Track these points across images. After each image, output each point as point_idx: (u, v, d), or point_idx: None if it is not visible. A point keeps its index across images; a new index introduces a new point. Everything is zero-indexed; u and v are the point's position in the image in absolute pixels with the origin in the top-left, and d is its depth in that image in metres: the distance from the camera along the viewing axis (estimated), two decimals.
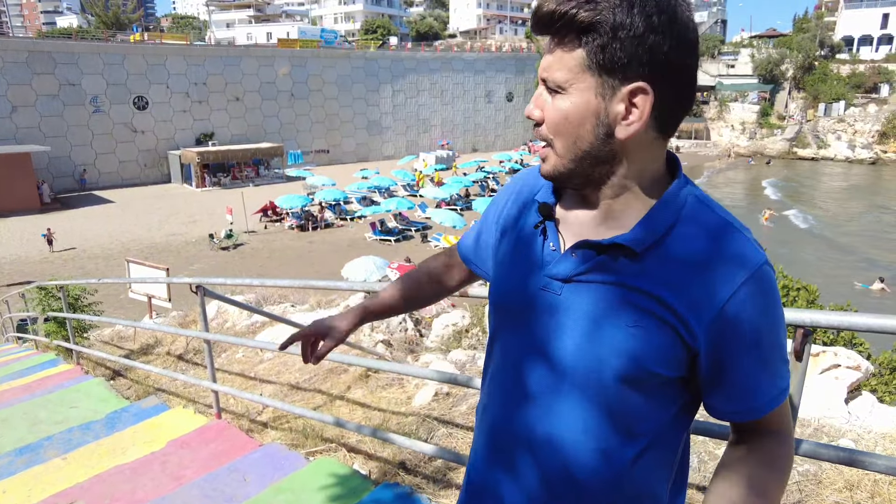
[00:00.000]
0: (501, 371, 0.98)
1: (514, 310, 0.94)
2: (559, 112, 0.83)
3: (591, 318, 0.84)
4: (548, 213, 0.92)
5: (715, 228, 0.82)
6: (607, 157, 0.83)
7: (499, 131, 54.33)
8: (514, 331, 0.94)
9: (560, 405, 0.88)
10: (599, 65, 0.78)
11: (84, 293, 6.93)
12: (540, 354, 0.90)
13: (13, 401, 4.80)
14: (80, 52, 34.51)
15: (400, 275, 7.44)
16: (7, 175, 28.61)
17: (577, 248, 0.87)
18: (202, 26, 73.27)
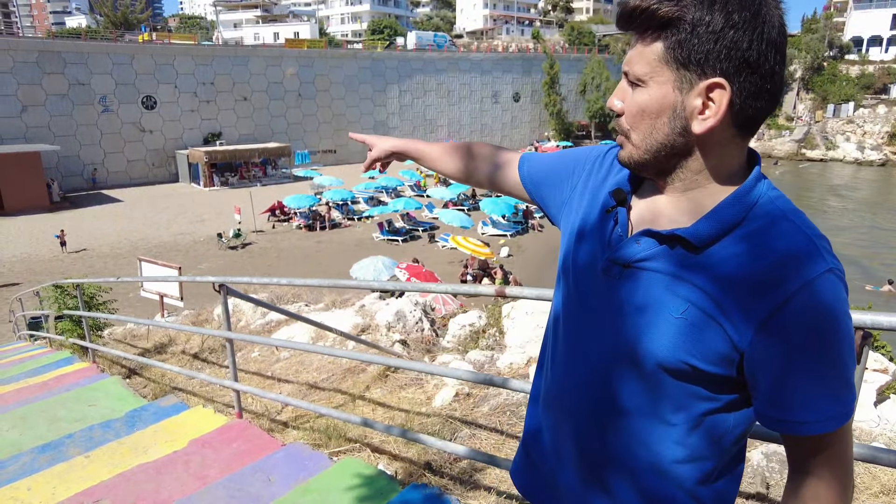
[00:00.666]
0: (563, 354, 1.00)
1: (578, 290, 0.97)
2: (637, 104, 0.85)
3: (641, 305, 0.87)
4: (622, 198, 0.94)
5: (781, 231, 0.82)
6: (682, 151, 0.85)
7: (505, 132, 54.26)
8: (579, 312, 0.97)
9: (613, 386, 0.91)
10: (678, 59, 0.80)
11: (99, 292, 6.96)
12: (597, 334, 0.93)
13: (31, 399, 4.82)
14: (90, 51, 34.69)
15: (409, 275, 7.45)
16: (17, 174, 28.80)
17: (640, 235, 0.89)
18: (209, 26, 73.51)
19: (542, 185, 1.16)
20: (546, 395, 1.05)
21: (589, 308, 0.95)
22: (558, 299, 1.04)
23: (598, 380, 0.92)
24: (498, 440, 2.87)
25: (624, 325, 0.88)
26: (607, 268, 0.91)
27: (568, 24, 76.61)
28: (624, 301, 0.89)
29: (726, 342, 0.81)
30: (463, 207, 28.31)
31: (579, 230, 1.00)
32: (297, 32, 59.94)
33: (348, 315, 5.25)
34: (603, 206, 0.97)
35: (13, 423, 4.19)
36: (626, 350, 0.88)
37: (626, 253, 0.89)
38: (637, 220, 0.93)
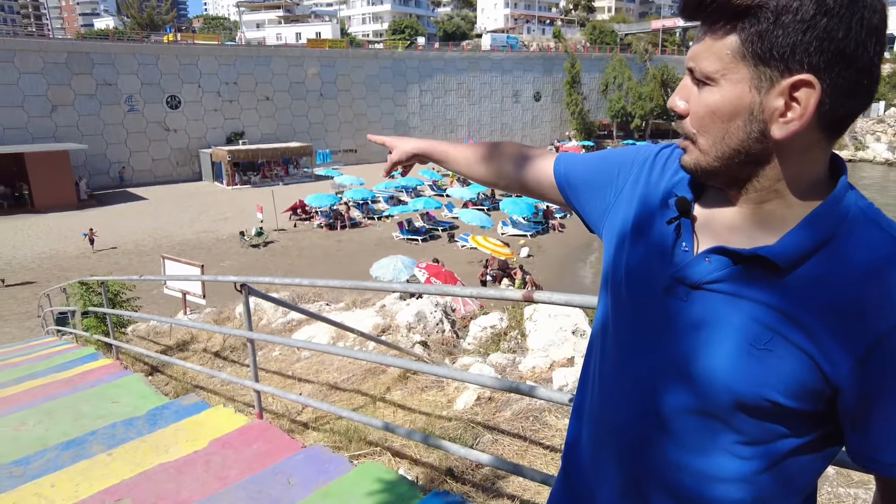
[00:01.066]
0: (612, 370, 0.91)
1: (631, 305, 0.87)
2: (706, 106, 0.75)
3: (714, 333, 0.77)
4: (685, 209, 0.83)
5: (879, 247, 0.72)
6: (758, 158, 0.75)
7: (526, 131, 54.00)
8: (631, 330, 0.87)
9: (671, 416, 0.82)
10: (756, 54, 0.70)
11: (123, 289, 7.04)
12: (654, 359, 0.83)
13: (56, 394, 4.88)
14: (117, 52, 35.33)
15: (428, 275, 7.37)
16: (47, 172, 29.44)
17: (711, 252, 0.79)
18: (233, 27, 74.39)
19: (582, 189, 1.04)
20: (591, 412, 0.97)
21: (645, 328, 0.85)
22: (604, 312, 0.95)
23: (654, 408, 0.84)
24: (521, 447, 2.81)
25: (691, 352, 0.78)
26: (671, 287, 0.82)
27: (589, 23, 76.04)
28: (691, 326, 0.79)
29: (817, 376, 0.71)
30: (483, 207, 28.22)
31: (631, 241, 0.90)
32: (319, 33, 60.36)
33: (369, 315, 5.23)
34: (660, 216, 0.87)
35: (40, 418, 4.24)
36: (691, 380, 0.79)
37: (695, 272, 0.79)
38: (703, 233, 0.83)
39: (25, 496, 2.93)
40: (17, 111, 32.25)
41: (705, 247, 0.81)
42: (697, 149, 0.78)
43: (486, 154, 1.23)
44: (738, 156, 0.75)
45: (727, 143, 0.75)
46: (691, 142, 0.79)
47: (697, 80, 0.76)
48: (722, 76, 0.73)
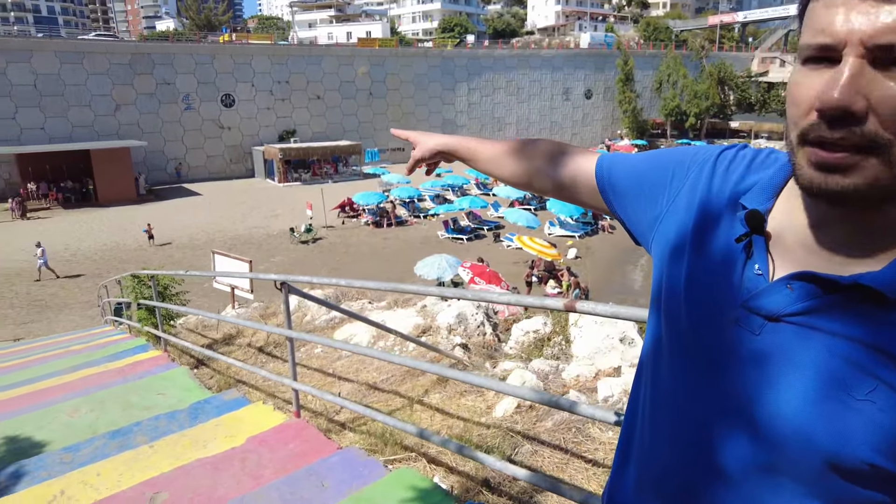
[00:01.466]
0: (665, 404, 0.78)
1: (691, 334, 0.74)
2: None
3: (797, 375, 0.63)
4: (758, 224, 0.70)
5: None
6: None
7: (576, 129, 53.16)
8: (689, 361, 0.74)
9: (732, 472, 0.68)
10: None
11: (173, 283, 7.24)
12: (717, 402, 0.70)
13: (109, 383, 5.04)
14: (175, 52, 36.69)
15: (473, 274, 7.19)
16: (110, 168, 30.87)
17: (795, 279, 0.65)
18: (286, 27, 76.14)
19: (628, 194, 0.90)
20: (639, 448, 0.85)
21: (707, 361, 0.71)
22: (656, 335, 0.81)
23: (709, 454, 0.71)
24: (561, 459, 2.69)
25: (764, 397, 0.65)
26: (741, 318, 0.68)
27: (643, 19, 74.20)
28: (766, 365, 0.65)
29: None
30: (529, 207, 27.89)
31: (690, 258, 0.76)
32: (370, 32, 61.09)
33: (409, 315, 5.18)
34: (725, 230, 0.73)
35: (92, 406, 4.38)
36: (761, 429, 0.65)
37: (773, 302, 0.66)
38: (779, 253, 0.69)
39: (72, 483, 3.00)
40: (84, 110, 33.94)
41: (783, 270, 0.67)
42: (884, 162, 0.57)
43: (517, 152, 1.09)
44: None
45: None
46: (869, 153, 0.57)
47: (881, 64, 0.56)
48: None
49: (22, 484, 3.17)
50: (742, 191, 0.74)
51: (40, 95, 32.76)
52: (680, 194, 0.81)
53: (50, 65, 32.84)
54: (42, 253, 18.96)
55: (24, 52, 32.35)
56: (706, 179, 0.79)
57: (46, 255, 19.15)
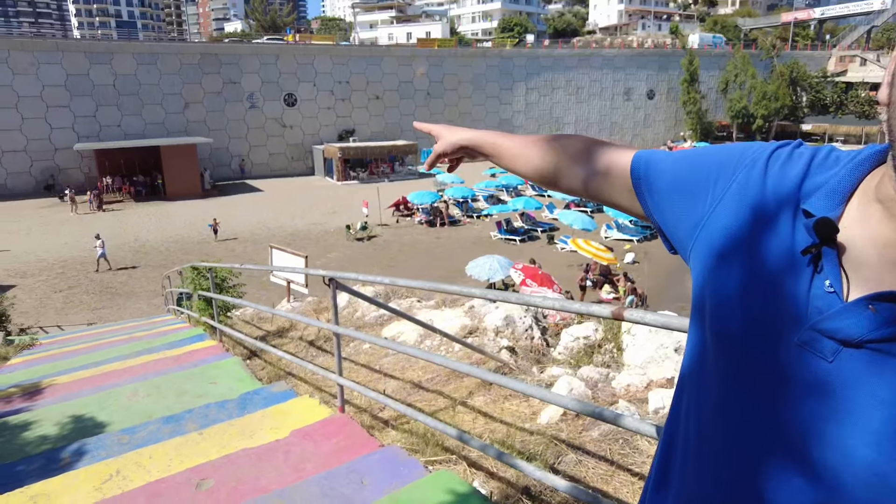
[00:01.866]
0: (712, 429, 0.69)
1: (745, 356, 0.65)
2: None
3: (883, 414, 0.54)
4: (829, 235, 0.60)
5: None
6: None
7: (637, 130, 51.86)
8: (744, 389, 0.65)
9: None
10: None
11: (230, 275, 7.47)
12: (781, 441, 0.61)
13: (165, 370, 5.25)
14: (241, 53, 38.10)
15: (524, 276, 6.97)
16: (178, 164, 32.34)
17: (881, 299, 0.55)
18: (348, 27, 77.68)
19: (665, 195, 0.80)
20: (680, 476, 0.75)
21: (766, 387, 0.62)
22: (698, 350, 0.72)
23: (771, 500, 0.61)
24: (607, 471, 2.58)
25: (840, 435, 0.56)
26: (810, 341, 0.59)
27: (710, 17, 71.51)
28: (844, 398, 0.56)
29: None
30: (586, 209, 27.36)
31: (741, 267, 0.66)
32: (429, 32, 61.51)
33: (457, 315, 5.14)
34: (785, 238, 0.63)
35: (149, 391, 4.56)
36: (837, 474, 0.57)
37: (852, 326, 0.56)
38: (854, 268, 0.60)
39: (128, 464, 3.12)
40: (156, 108, 35.72)
41: (860, 288, 0.58)
42: None
43: (544, 146, 0.99)
44: None
45: None
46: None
47: None
48: None
49: (83, 461, 3.33)
50: (803, 194, 0.65)
51: (118, 94, 34.70)
52: (726, 196, 0.71)
53: (128, 66, 34.74)
54: (102, 245, 19.81)
55: (105, 55, 34.36)
56: (758, 179, 0.69)
57: (105, 248, 20.02)
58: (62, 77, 33.28)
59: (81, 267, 20.45)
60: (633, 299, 15.80)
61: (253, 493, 2.65)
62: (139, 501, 2.63)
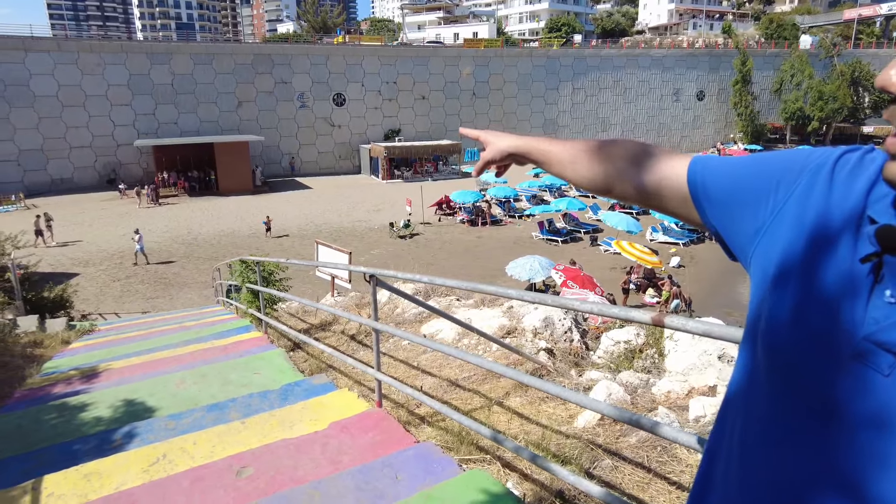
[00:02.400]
0: (765, 461, 0.66)
1: (796, 372, 0.63)
2: None
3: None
4: (892, 242, 0.57)
5: None
6: None
7: (685, 132, 50.50)
8: (793, 407, 0.62)
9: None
10: None
11: (277, 269, 7.66)
12: (832, 464, 0.58)
13: (212, 359, 5.43)
14: (293, 53, 38.99)
15: (565, 277, 6.86)
16: (230, 161, 33.37)
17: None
18: (396, 28, 78.42)
19: (724, 202, 0.77)
20: (723, 497, 0.73)
21: (818, 405, 0.60)
22: (749, 367, 0.70)
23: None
24: (643, 478, 2.53)
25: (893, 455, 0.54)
26: (865, 353, 0.57)
27: (766, 15, 68.92)
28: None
29: None
30: (631, 210, 26.82)
31: (799, 279, 0.63)
32: (476, 32, 61.50)
33: (495, 315, 5.13)
34: (846, 248, 0.61)
35: (196, 379, 4.72)
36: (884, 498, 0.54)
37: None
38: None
39: (173, 448, 3.24)
40: (211, 107, 36.94)
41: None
42: None
43: (596, 153, 0.97)
44: None
45: None
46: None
47: None
48: None
49: (133, 444, 3.49)
50: (870, 201, 0.62)
51: (176, 93, 36.06)
52: (787, 204, 0.69)
53: (185, 66, 36.06)
54: (139, 239, 20.35)
55: (165, 55, 35.78)
56: (822, 187, 0.66)
57: (143, 241, 20.55)
58: (125, 77, 34.81)
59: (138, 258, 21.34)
60: (679, 304, 15.41)
61: (290, 482, 2.72)
62: (183, 485, 2.73)
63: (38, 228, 22.13)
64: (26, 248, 17.85)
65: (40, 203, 30.81)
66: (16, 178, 32.84)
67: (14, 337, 7.59)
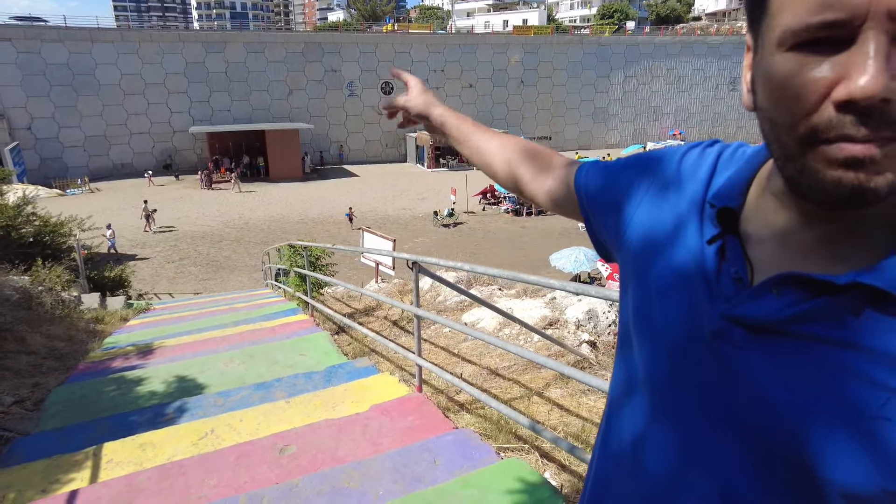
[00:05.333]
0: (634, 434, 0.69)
1: (666, 360, 0.65)
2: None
3: (793, 393, 0.54)
4: (731, 223, 0.62)
5: None
6: None
7: (742, 122, 48.59)
8: (665, 379, 0.65)
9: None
10: None
11: (323, 254, 7.81)
12: (702, 432, 0.61)
13: (260, 340, 5.60)
14: (342, 42, 39.38)
15: (612, 270, 6.78)
16: (281, 148, 34.12)
17: (780, 282, 0.55)
18: (445, 16, 78.08)
19: (599, 206, 0.81)
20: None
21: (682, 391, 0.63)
22: (625, 373, 0.73)
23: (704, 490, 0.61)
24: None
25: (762, 426, 0.56)
26: (722, 331, 0.59)
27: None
28: (759, 388, 0.56)
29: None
30: None
31: (655, 269, 0.67)
32: (526, 20, 60.64)
33: (537, 305, 5.09)
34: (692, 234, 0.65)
35: (244, 359, 4.88)
36: (778, 472, 0.56)
37: (757, 309, 0.56)
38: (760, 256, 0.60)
39: (221, 424, 3.37)
40: (262, 94, 37.78)
41: (763, 274, 0.58)
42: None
43: (500, 140, 1.02)
44: None
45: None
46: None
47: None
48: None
49: (184, 418, 3.64)
50: (711, 189, 0.66)
51: (229, 81, 37.03)
52: (643, 201, 0.73)
53: (238, 54, 36.96)
54: (112, 235, 19.82)
55: (219, 44, 36.75)
56: (670, 182, 0.71)
57: (115, 238, 19.97)
58: (182, 65, 35.97)
59: (191, 241, 22.14)
60: None
61: (331, 462, 2.78)
62: (229, 459, 2.83)
63: (148, 214, 23.14)
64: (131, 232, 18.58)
65: (103, 187, 32.33)
66: (81, 162, 34.51)
67: (79, 313, 8.02)
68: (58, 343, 6.14)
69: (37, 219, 12.31)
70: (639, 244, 0.71)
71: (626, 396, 0.73)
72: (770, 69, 0.51)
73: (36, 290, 7.37)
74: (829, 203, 0.51)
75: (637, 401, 0.70)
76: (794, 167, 0.52)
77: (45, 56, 32.88)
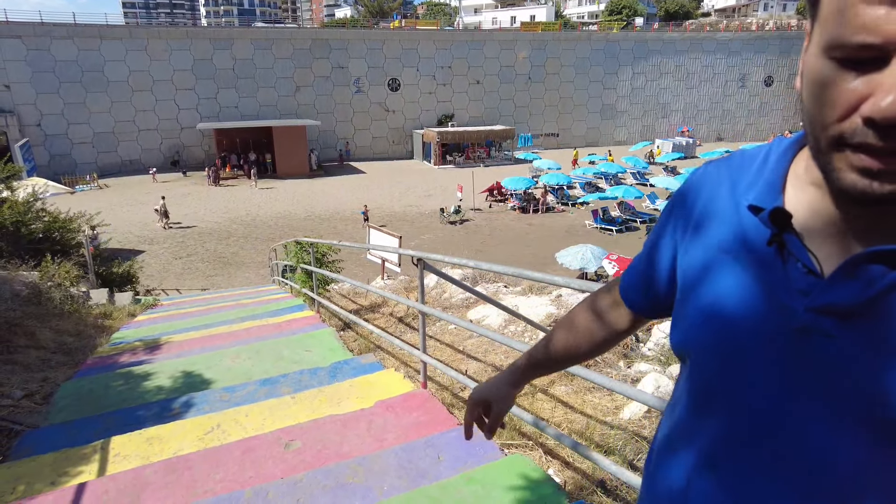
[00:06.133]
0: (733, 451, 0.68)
1: (745, 361, 0.65)
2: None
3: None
4: (786, 222, 0.63)
5: None
6: None
7: (751, 119, 48.25)
8: (750, 392, 0.65)
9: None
10: None
11: (329, 251, 7.83)
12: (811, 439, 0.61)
13: (266, 336, 5.62)
14: (349, 39, 39.37)
15: (618, 268, 6.86)
16: (288, 145, 34.19)
17: (857, 262, 0.57)
18: (452, 12, 77.89)
19: (648, 285, 0.88)
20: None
21: (776, 396, 0.62)
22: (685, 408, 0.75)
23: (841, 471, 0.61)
24: None
25: (871, 407, 0.57)
26: (810, 324, 0.60)
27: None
28: (866, 376, 0.56)
29: None
30: None
31: (719, 282, 0.68)
32: (534, 16, 60.41)
33: (543, 302, 5.09)
34: (747, 241, 0.66)
35: (250, 354, 4.91)
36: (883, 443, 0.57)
37: (843, 294, 0.58)
38: (818, 246, 0.61)
39: (227, 419, 3.39)
40: (270, 91, 37.84)
41: (831, 262, 0.60)
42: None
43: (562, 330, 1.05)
44: None
45: None
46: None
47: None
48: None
49: (190, 413, 3.66)
50: (739, 197, 0.69)
51: (237, 78, 37.12)
52: (680, 245, 0.78)
53: (246, 51, 37.03)
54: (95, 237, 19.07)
55: (227, 41, 36.82)
56: (700, 210, 0.74)
57: (98, 240, 18.56)
58: (189, 62, 36.08)
59: (198, 237, 22.25)
60: None
61: (336, 457, 2.80)
62: (235, 454, 2.85)
63: (164, 210, 23.33)
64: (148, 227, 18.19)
65: (111, 183, 32.52)
66: (90, 159, 34.71)
67: (87, 308, 8.08)
68: (66, 338, 6.19)
69: (46, 214, 12.40)
70: (692, 277, 0.73)
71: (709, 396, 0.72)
72: (813, 69, 0.56)
73: (45, 286, 7.44)
74: (847, 198, 0.56)
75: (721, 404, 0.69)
76: (822, 161, 0.57)
77: (55, 53, 33.05)
